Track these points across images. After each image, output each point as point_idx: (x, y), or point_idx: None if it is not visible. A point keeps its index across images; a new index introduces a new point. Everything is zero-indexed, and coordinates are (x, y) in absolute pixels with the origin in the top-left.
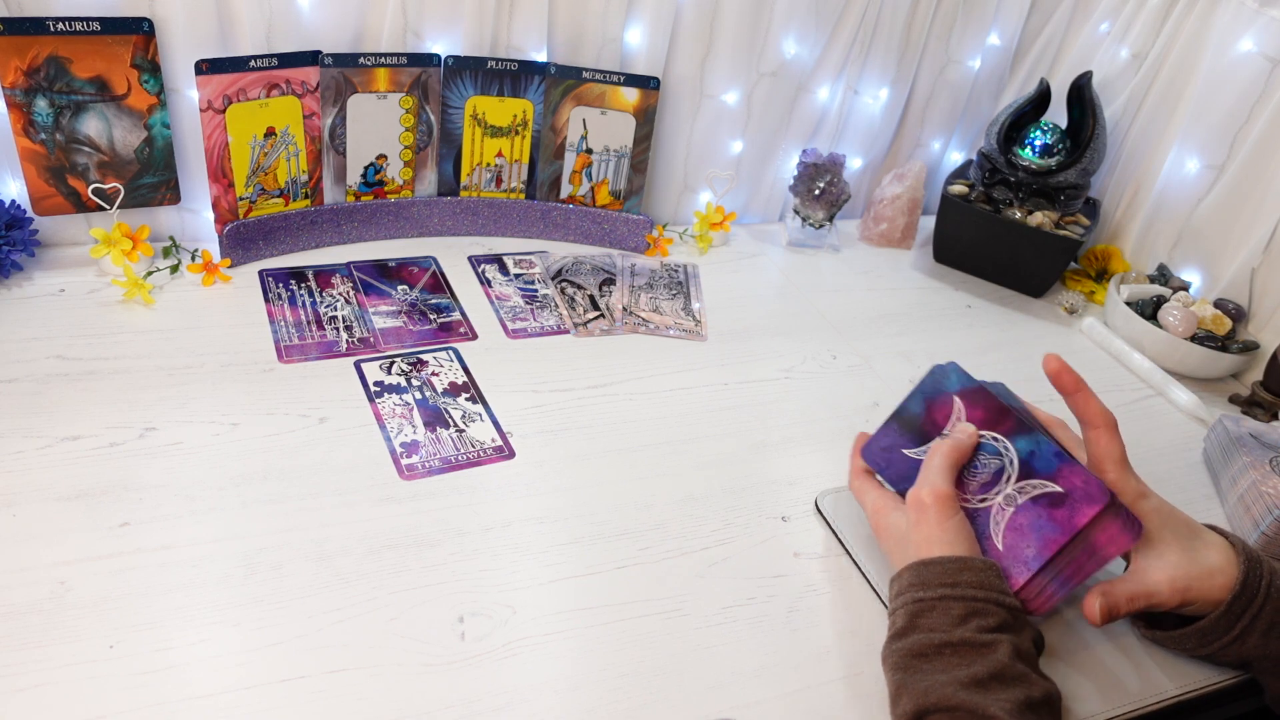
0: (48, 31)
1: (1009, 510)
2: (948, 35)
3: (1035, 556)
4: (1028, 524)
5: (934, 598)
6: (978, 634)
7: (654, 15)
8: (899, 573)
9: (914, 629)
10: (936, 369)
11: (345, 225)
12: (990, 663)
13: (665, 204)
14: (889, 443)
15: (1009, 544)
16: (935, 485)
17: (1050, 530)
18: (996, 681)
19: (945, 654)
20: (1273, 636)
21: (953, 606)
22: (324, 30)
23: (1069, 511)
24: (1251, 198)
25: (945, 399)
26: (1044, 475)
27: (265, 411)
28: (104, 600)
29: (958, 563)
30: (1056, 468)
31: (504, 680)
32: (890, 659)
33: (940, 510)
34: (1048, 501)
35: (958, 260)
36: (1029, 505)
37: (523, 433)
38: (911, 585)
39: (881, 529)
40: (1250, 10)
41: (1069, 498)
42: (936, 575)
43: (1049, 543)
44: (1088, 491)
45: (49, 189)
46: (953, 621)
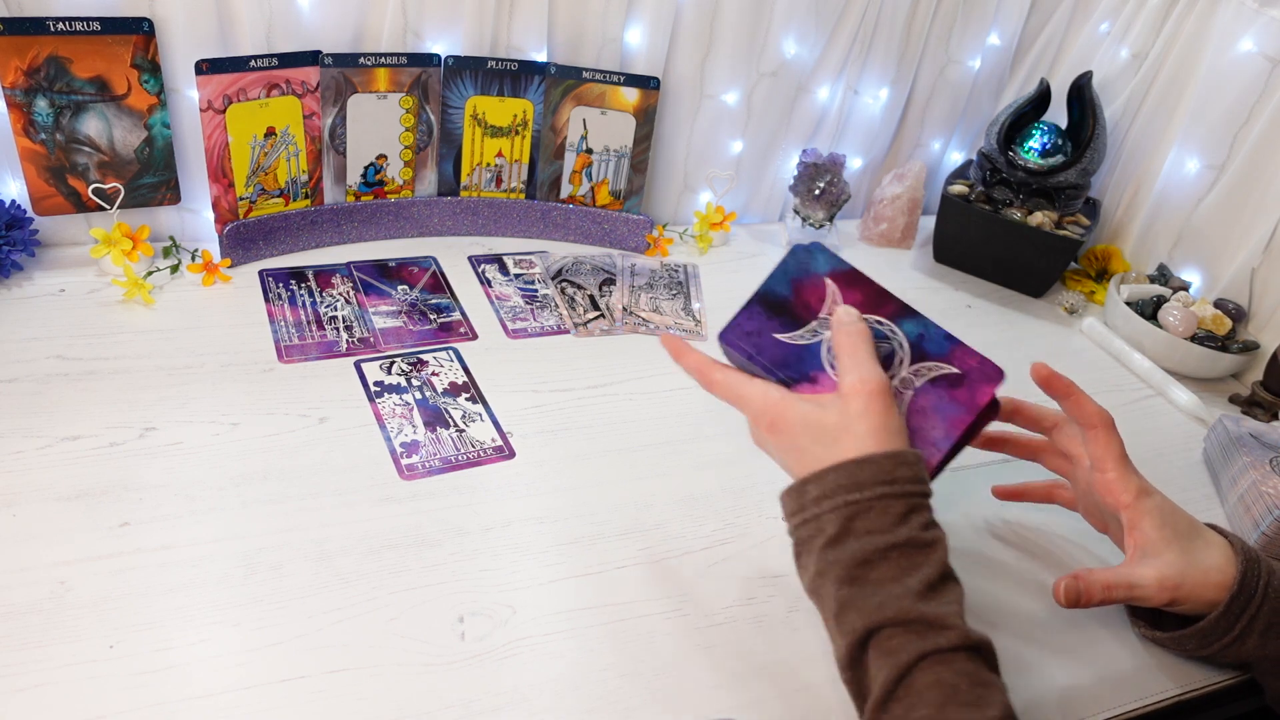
0: (48, 31)
1: (908, 394)
2: (948, 35)
3: (944, 437)
4: (931, 406)
5: (871, 497)
6: (921, 531)
7: (654, 15)
8: (821, 473)
9: (850, 533)
10: (799, 248)
11: (345, 225)
12: (936, 562)
13: (665, 204)
14: (755, 326)
15: (915, 427)
16: (873, 373)
17: (953, 410)
18: (943, 581)
19: (892, 557)
20: (1271, 637)
21: (893, 505)
22: (324, 30)
23: (969, 391)
24: (1251, 198)
25: (815, 280)
26: (938, 357)
27: (265, 411)
28: (104, 600)
29: (892, 458)
30: (949, 350)
31: (504, 680)
32: (831, 571)
33: (885, 399)
34: (947, 383)
35: (958, 260)
36: (928, 387)
37: (523, 433)
38: (842, 487)
39: (786, 424)
40: (1250, 10)
41: (967, 378)
42: (870, 473)
43: (955, 422)
44: (984, 371)
45: (49, 189)
46: (894, 520)
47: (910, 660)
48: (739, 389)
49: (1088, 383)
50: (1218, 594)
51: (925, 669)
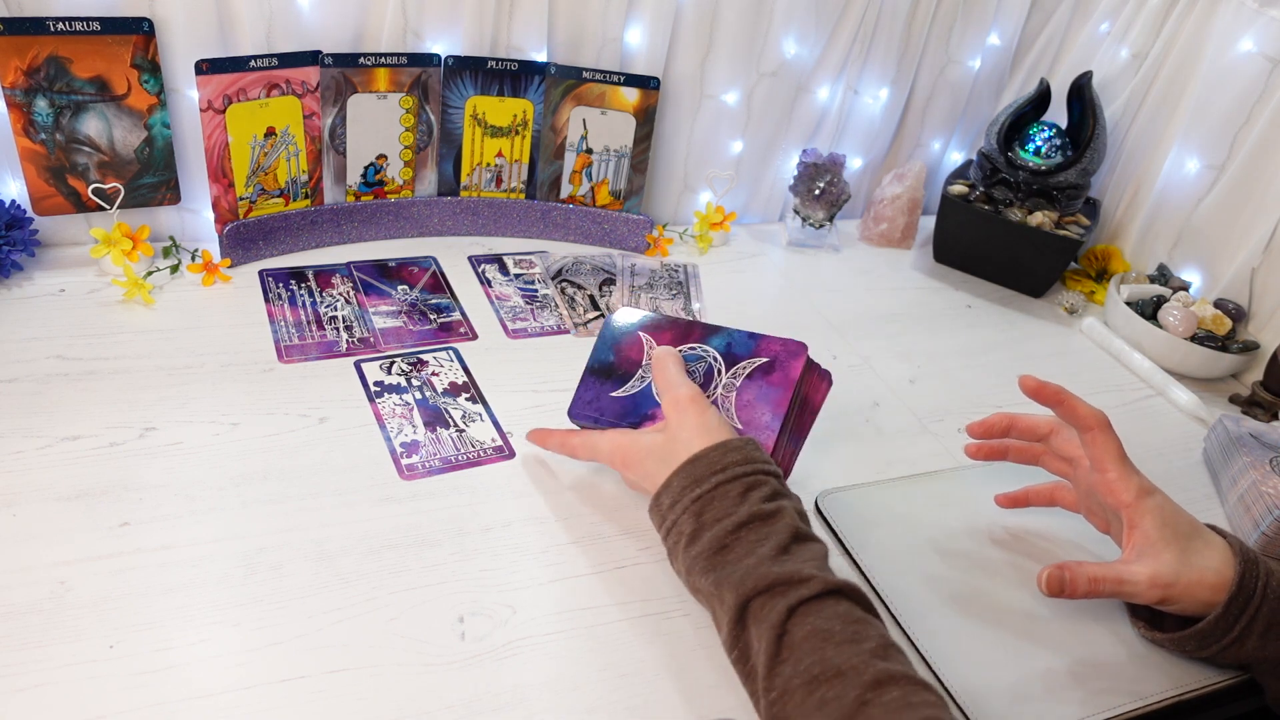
0: (48, 31)
1: (731, 395)
2: (948, 35)
3: (773, 418)
4: (753, 398)
5: (710, 489)
6: (762, 504)
7: (654, 15)
8: (666, 481)
9: (702, 527)
10: (608, 318)
11: (345, 225)
12: (784, 526)
13: (665, 204)
14: (593, 394)
15: (746, 420)
16: (683, 385)
17: (773, 392)
18: (797, 542)
19: (742, 535)
20: (1271, 638)
21: (730, 488)
22: (324, 30)
23: (782, 372)
24: (1251, 198)
25: (631, 338)
26: (746, 356)
27: (265, 411)
28: (104, 600)
29: (719, 448)
30: (755, 345)
31: (504, 680)
32: (695, 565)
33: (699, 403)
34: (761, 372)
35: (958, 260)
36: (747, 383)
37: (523, 433)
38: (685, 487)
39: (633, 457)
40: (1250, 10)
41: (776, 361)
42: (704, 468)
43: (778, 402)
44: (788, 349)
45: (49, 189)
46: (734, 501)
47: (781, 618)
48: (593, 444)
49: (1088, 383)
50: (1214, 595)
51: (797, 622)
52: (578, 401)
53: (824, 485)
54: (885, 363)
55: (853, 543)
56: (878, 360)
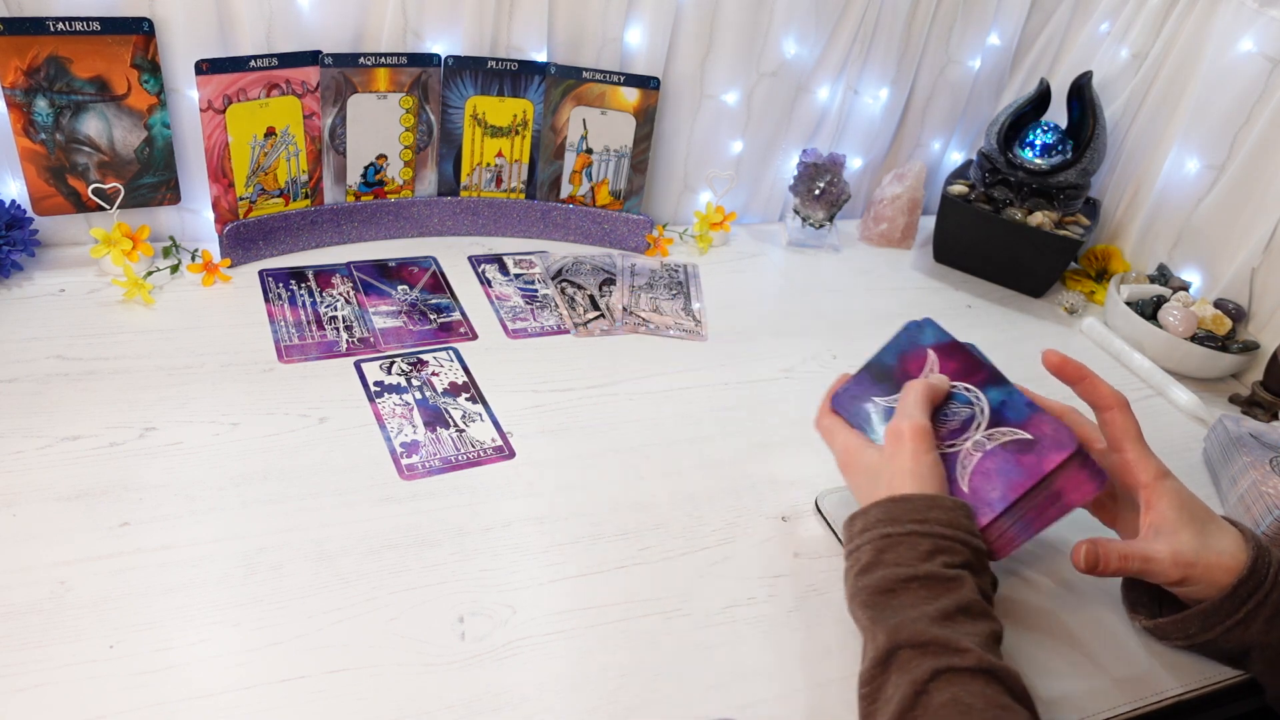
0: (48, 31)
1: (977, 455)
2: (948, 35)
3: (1000, 499)
4: (995, 469)
5: (902, 533)
6: (943, 569)
7: (654, 15)
8: (866, 508)
9: (879, 564)
10: (911, 324)
11: (345, 225)
12: (957, 597)
13: (665, 204)
14: (860, 391)
15: (975, 487)
16: (914, 418)
17: (1017, 474)
18: (963, 615)
19: (912, 588)
20: (1277, 624)
21: (920, 542)
22: (324, 30)
23: (1036, 457)
24: (1251, 198)
25: (919, 352)
26: (1014, 423)
27: (265, 411)
28: (104, 600)
29: (928, 500)
30: (1028, 416)
31: (504, 680)
32: (858, 596)
33: (917, 443)
34: (1016, 447)
35: (958, 260)
36: (998, 451)
37: (523, 433)
38: (880, 521)
39: (852, 465)
40: (1250, 10)
41: (1037, 444)
42: (906, 511)
43: (1014, 486)
44: (1057, 439)
45: (49, 189)
46: (919, 556)
47: (925, 676)
48: (829, 434)
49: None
50: (1227, 577)
51: (940, 686)
52: (843, 394)
53: (824, 485)
54: None
55: None
56: None
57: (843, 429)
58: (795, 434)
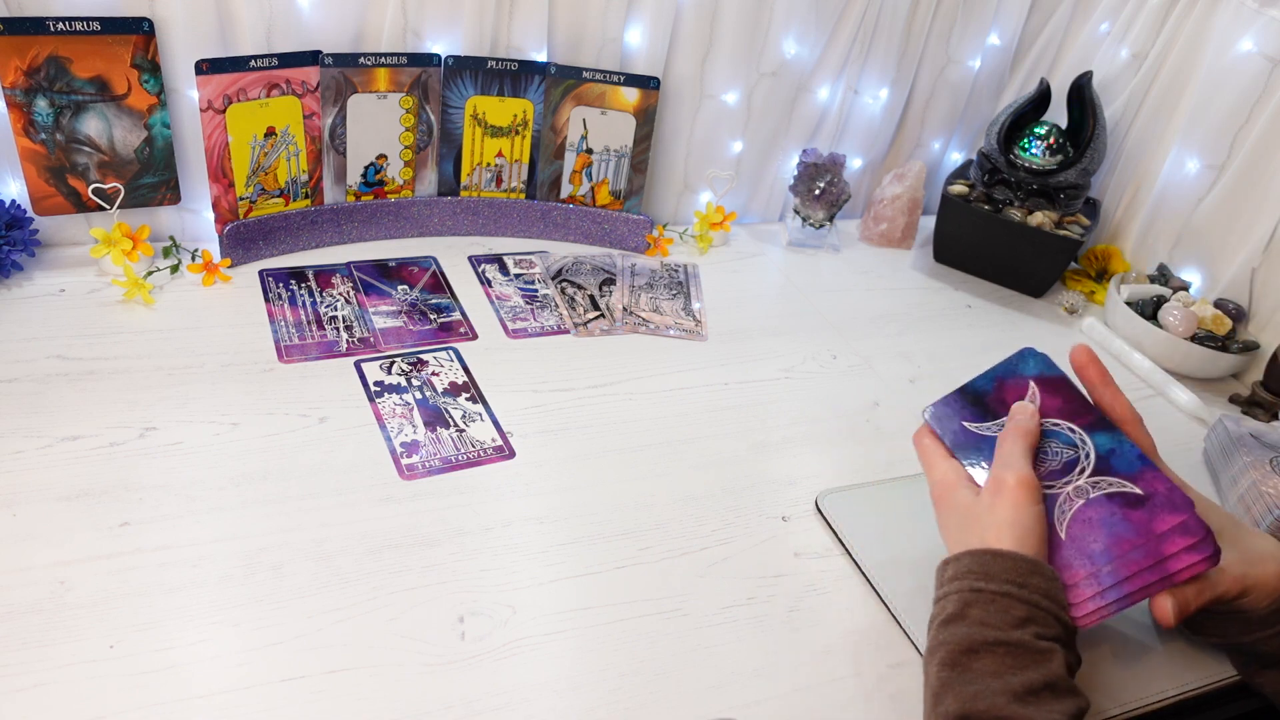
0: (48, 31)
1: (1079, 501)
2: (948, 35)
3: (1102, 552)
4: (1098, 518)
5: (995, 591)
6: (1035, 640)
7: (654, 15)
8: (959, 555)
9: (964, 618)
10: (1017, 353)
11: (345, 225)
12: (1045, 671)
13: (665, 204)
14: (951, 412)
15: (1074, 534)
16: (1020, 469)
17: (1123, 529)
18: (1049, 692)
19: (999, 653)
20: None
21: (1014, 607)
22: (324, 30)
23: (1147, 514)
24: (1251, 198)
25: (1019, 381)
26: (1123, 474)
27: (265, 411)
28: (104, 600)
29: (1030, 564)
30: (1139, 470)
31: (504, 680)
32: (938, 651)
33: (1021, 495)
34: (1124, 501)
35: (958, 260)
36: (1102, 500)
37: (523, 433)
38: (972, 572)
39: (946, 501)
40: (1250, 10)
41: (1149, 500)
42: (1004, 569)
43: (1120, 541)
44: (1170, 499)
45: (49, 189)
46: (1011, 622)
47: None
48: (927, 458)
49: None
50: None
51: None
52: (936, 408)
53: (824, 485)
54: (885, 363)
55: (853, 543)
56: (878, 360)
57: (942, 457)
58: (795, 434)
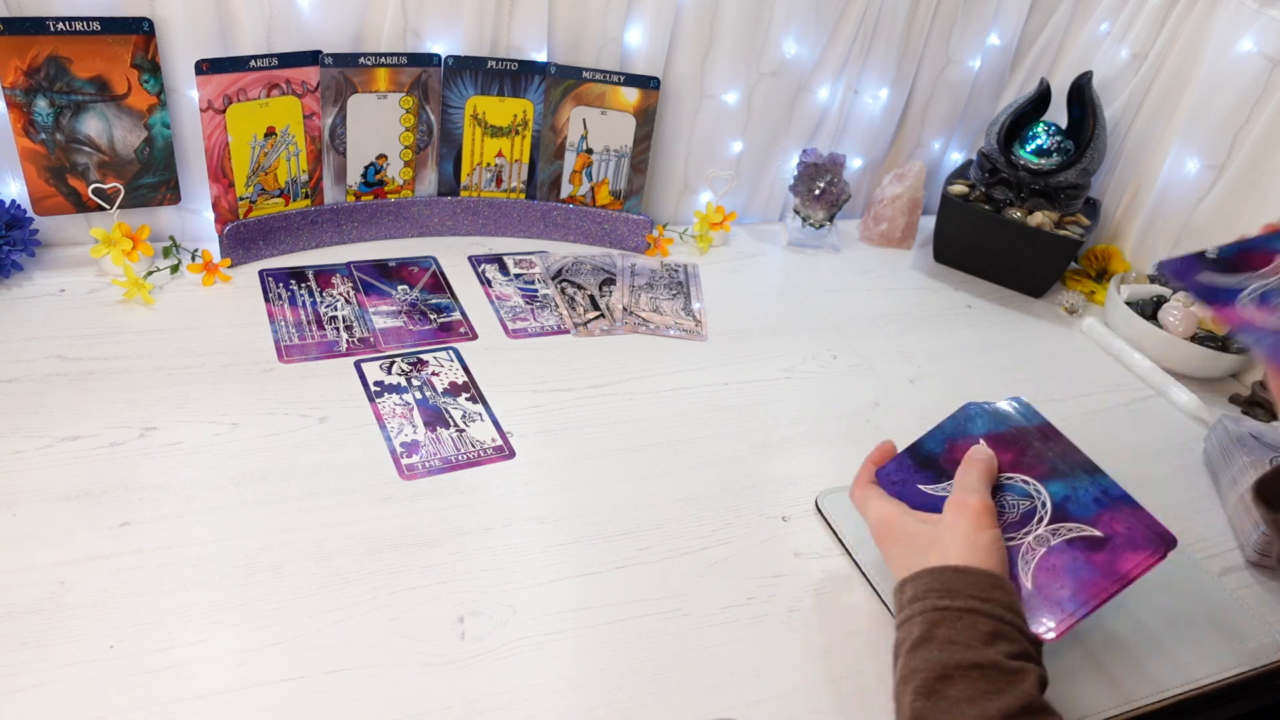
0: (48, 31)
1: (1040, 550)
2: (948, 35)
3: (1070, 598)
4: (1062, 565)
5: (961, 608)
6: (1007, 660)
7: (654, 15)
8: (918, 574)
9: (932, 640)
10: (963, 409)
11: (345, 225)
12: (1020, 694)
13: (665, 204)
14: (902, 477)
15: (1040, 583)
16: (979, 493)
17: (1088, 573)
18: (1025, 715)
19: (973, 677)
20: None
21: (980, 623)
22: (324, 30)
23: (1109, 556)
24: (1251, 198)
25: (970, 440)
26: (1080, 519)
27: (265, 411)
28: (104, 600)
29: (991, 578)
30: (1095, 512)
31: (504, 680)
32: (912, 680)
33: (982, 517)
34: (1085, 545)
35: (958, 260)
36: (1063, 546)
37: (523, 433)
38: (934, 590)
39: (891, 533)
40: (1250, 10)
41: (1109, 542)
42: (966, 585)
43: (1086, 585)
44: (1130, 538)
45: (49, 189)
46: (980, 639)
47: None
48: (863, 503)
49: (1088, 383)
50: None
51: None
52: (886, 472)
53: (824, 485)
54: (885, 363)
55: (853, 543)
56: (878, 360)
57: (880, 497)
58: (795, 434)
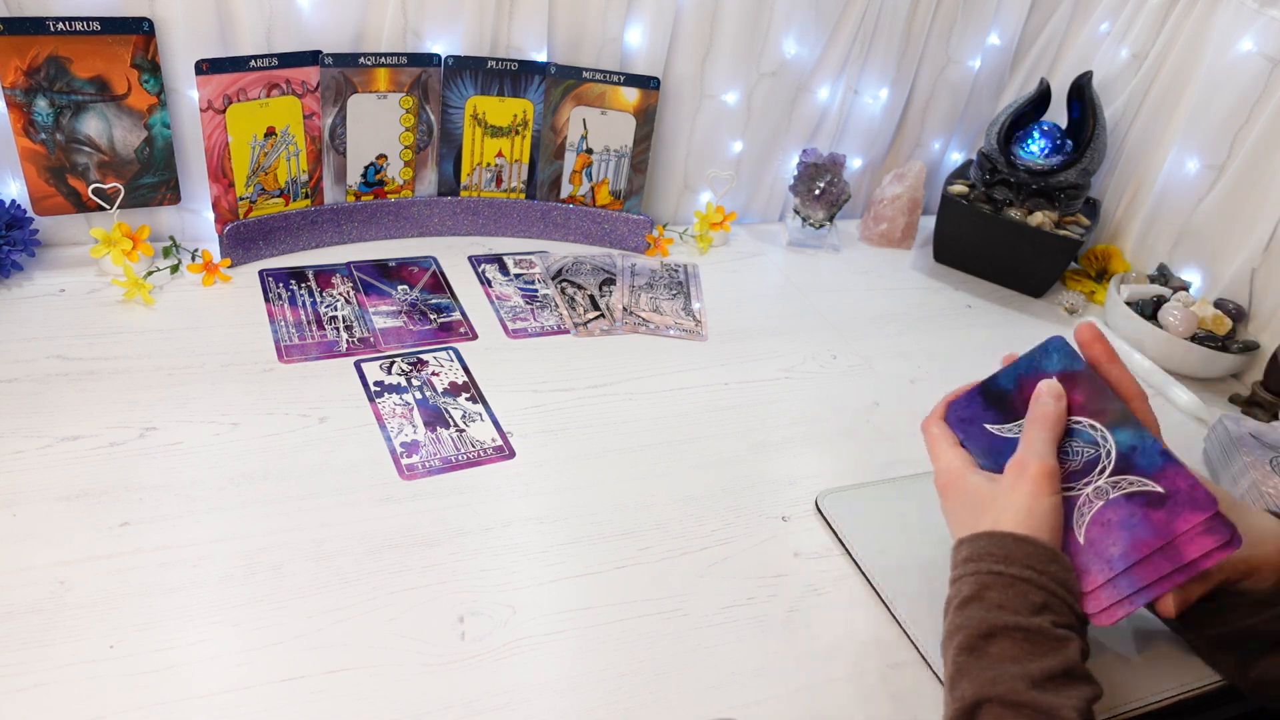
0: (48, 31)
1: (1098, 503)
2: (948, 35)
3: (1120, 556)
4: (1118, 520)
5: (1015, 576)
6: (1053, 627)
7: (654, 15)
8: (975, 535)
9: (981, 600)
10: (1041, 345)
11: (345, 225)
12: (1063, 658)
13: (665, 204)
14: (970, 414)
15: (1092, 538)
16: (1045, 457)
17: (1143, 530)
18: (1066, 679)
19: (1016, 639)
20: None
21: (1032, 592)
22: (324, 30)
23: (1167, 515)
24: (1251, 198)
25: (1042, 378)
26: (1144, 473)
27: (265, 411)
28: (104, 600)
29: (1048, 552)
30: (1161, 466)
31: (504, 680)
32: (956, 635)
33: (1041, 483)
34: (1144, 500)
35: (958, 260)
36: (1122, 501)
37: (523, 433)
38: (991, 554)
39: (953, 487)
40: (1250, 10)
41: (1170, 499)
42: (1024, 555)
43: (1139, 544)
44: (1193, 496)
45: (49, 189)
46: (1029, 608)
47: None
48: (938, 451)
49: None
50: None
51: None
52: (954, 409)
53: (824, 485)
54: (885, 363)
55: (853, 542)
56: (878, 360)
57: (950, 445)
58: (795, 434)
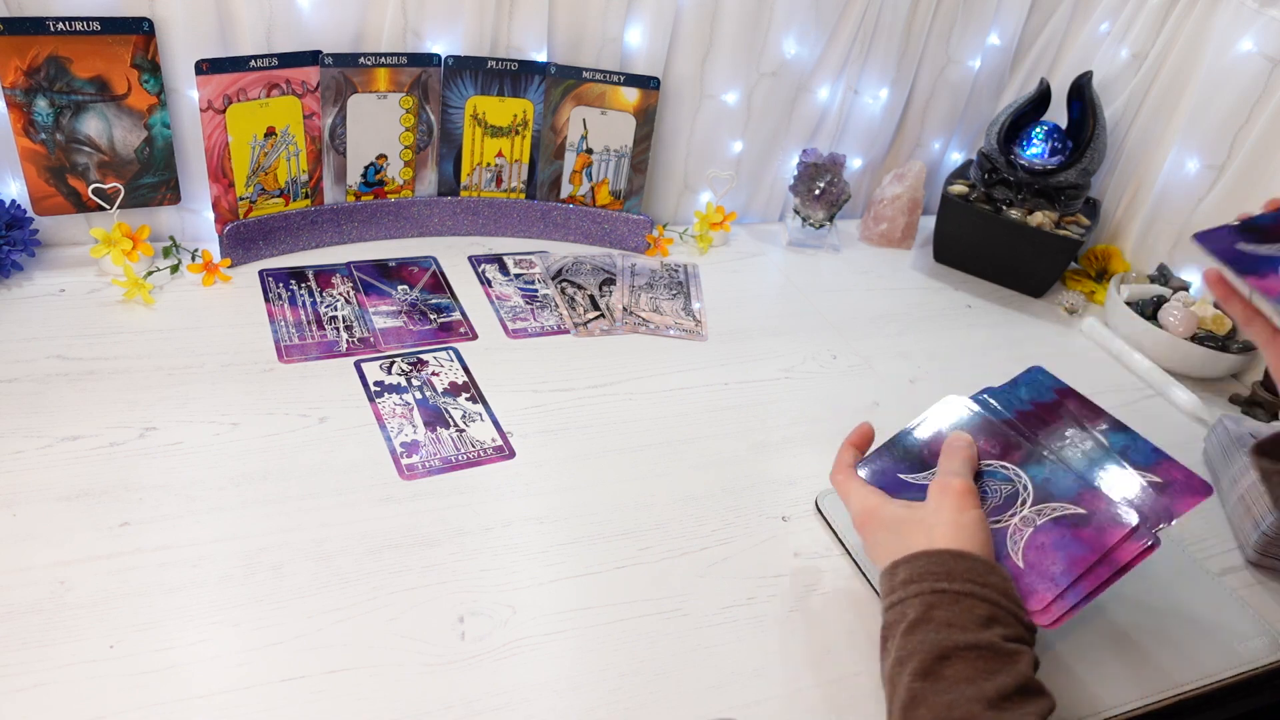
0: (48, 31)
1: (1027, 531)
2: (948, 35)
3: (1063, 573)
4: (1050, 542)
5: (959, 591)
6: (1004, 641)
7: (654, 15)
8: (912, 556)
9: (929, 621)
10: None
11: (345, 225)
12: (1016, 674)
13: (665, 204)
14: (882, 466)
15: (1030, 561)
16: (963, 476)
17: (1077, 548)
18: (1021, 695)
19: (969, 658)
20: None
21: (977, 606)
22: (324, 30)
23: (1095, 531)
24: (1251, 198)
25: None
26: (1064, 498)
27: (265, 411)
28: (104, 600)
29: (986, 564)
30: (1077, 491)
31: (504, 680)
32: (909, 661)
33: (965, 498)
34: (1070, 522)
35: (958, 260)
36: (1050, 525)
37: (523, 433)
38: (931, 573)
39: (873, 521)
40: (1250, 10)
41: (1093, 518)
42: (963, 569)
43: (1077, 560)
44: (1111, 513)
45: (49, 189)
46: (977, 622)
47: None
48: (849, 491)
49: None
50: None
51: None
52: (866, 466)
53: (824, 485)
54: (885, 363)
55: (852, 542)
56: (878, 360)
57: (861, 486)
58: (795, 434)
